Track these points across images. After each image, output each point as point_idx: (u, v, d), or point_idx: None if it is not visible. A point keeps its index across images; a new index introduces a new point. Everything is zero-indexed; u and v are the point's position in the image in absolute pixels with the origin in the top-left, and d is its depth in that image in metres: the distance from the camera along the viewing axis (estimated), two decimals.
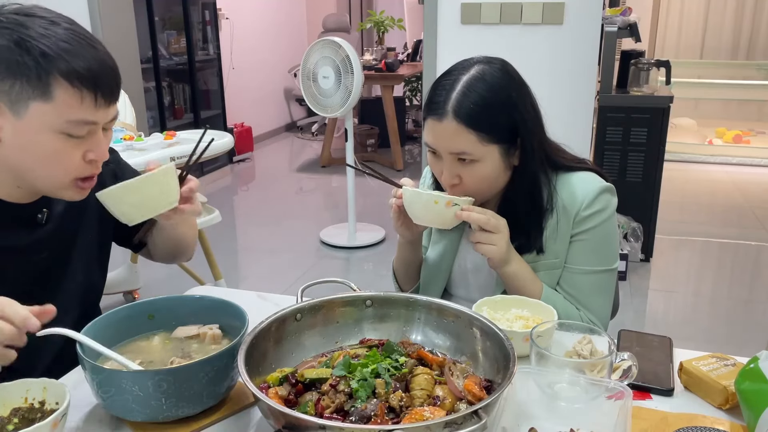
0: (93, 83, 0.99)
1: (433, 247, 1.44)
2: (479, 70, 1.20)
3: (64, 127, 1.00)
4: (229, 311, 1.05)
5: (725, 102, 6.72)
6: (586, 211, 1.26)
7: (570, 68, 3.12)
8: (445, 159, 1.22)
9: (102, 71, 1.01)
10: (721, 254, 4.05)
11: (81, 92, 0.98)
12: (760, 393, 0.87)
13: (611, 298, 1.34)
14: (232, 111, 6.14)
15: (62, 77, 0.97)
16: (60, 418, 0.83)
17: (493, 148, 1.19)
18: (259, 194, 5.44)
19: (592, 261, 1.29)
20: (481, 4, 3.13)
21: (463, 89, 1.18)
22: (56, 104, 0.98)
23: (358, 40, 7.89)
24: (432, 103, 1.21)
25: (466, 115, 1.16)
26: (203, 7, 5.70)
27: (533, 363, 0.97)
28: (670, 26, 7.04)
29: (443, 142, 1.20)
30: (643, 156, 3.56)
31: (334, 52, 3.68)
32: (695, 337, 2.95)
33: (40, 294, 1.14)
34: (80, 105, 0.99)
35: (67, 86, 0.97)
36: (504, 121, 1.19)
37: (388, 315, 1.10)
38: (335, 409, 0.85)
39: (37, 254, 1.16)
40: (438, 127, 1.19)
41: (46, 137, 1.00)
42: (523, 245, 1.28)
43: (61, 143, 1.01)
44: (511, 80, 1.22)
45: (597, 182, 1.28)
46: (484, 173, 1.21)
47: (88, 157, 1.04)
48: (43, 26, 0.98)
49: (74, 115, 0.99)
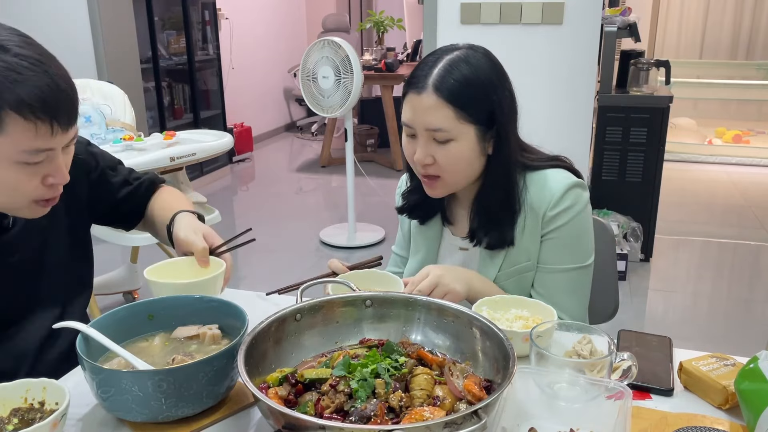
0: (47, 112, 0.94)
1: (413, 257, 1.44)
2: (463, 53, 1.21)
3: (20, 157, 0.96)
4: (229, 311, 1.05)
5: (725, 102, 6.72)
6: (554, 210, 1.26)
7: (570, 68, 3.12)
8: (420, 137, 1.22)
9: (56, 98, 0.95)
10: (721, 254, 4.05)
11: (35, 123, 0.93)
12: (759, 393, 0.87)
13: (585, 295, 1.34)
14: (231, 111, 6.13)
15: (12, 110, 0.92)
16: (60, 418, 0.83)
17: (469, 128, 1.19)
18: (259, 194, 5.44)
19: (564, 259, 1.29)
20: (481, 4, 3.13)
21: (446, 66, 1.19)
22: (10, 137, 0.93)
23: (358, 40, 7.89)
24: (413, 78, 1.22)
25: (446, 90, 1.17)
26: (203, 7, 5.70)
27: (533, 363, 0.97)
28: (669, 26, 7.05)
29: (420, 116, 1.20)
30: (642, 156, 3.56)
31: (334, 52, 3.68)
32: (695, 337, 2.95)
33: (19, 295, 1.15)
34: (35, 136, 0.94)
35: (18, 119, 0.92)
36: (483, 102, 1.20)
37: (388, 315, 1.10)
38: (335, 409, 0.85)
39: (9, 257, 1.15)
40: (416, 100, 1.20)
41: (1, 169, 0.96)
42: (496, 239, 1.28)
43: (17, 173, 0.97)
44: (494, 66, 1.23)
45: (565, 179, 1.28)
46: (458, 154, 1.21)
47: (48, 181, 1.02)
48: None
49: (29, 145, 0.95)
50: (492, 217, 1.28)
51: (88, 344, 0.96)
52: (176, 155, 2.71)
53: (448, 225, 1.39)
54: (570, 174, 1.30)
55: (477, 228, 1.31)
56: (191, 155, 2.77)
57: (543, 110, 3.12)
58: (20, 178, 0.98)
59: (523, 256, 1.30)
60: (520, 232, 1.29)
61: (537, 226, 1.28)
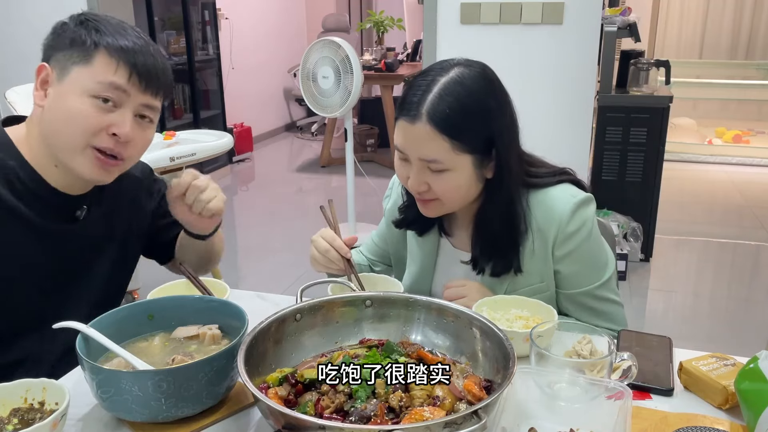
0: (131, 59, 1.08)
1: (410, 268, 1.40)
2: (458, 73, 1.13)
3: (94, 88, 1.06)
4: (229, 311, 1.05)
5: (725, 102, 6.72)
6: (564, 232, 1.21)
7: (569, 68, 3.12)
8: (413, 164, 1.16)
9: (144, 58, 1.09)
10: (721, 254, 4.05)
11: (117, 62, 1.07)
12: (759, 393, 0.87)
13: (619, 296, 1.31)
14: (231, 111, 6.13)
15: (104, 48, 1.07)
16: (59, 418, 0.83)
17: (465, 158, 1.13)
18: (259, 194, 5.44)
19: (591, 279, 1.25)
20: (481, 4, 3.13)
21: (439, 92, 1.11)
22: (93, 68, 1.07)
23: (358, 40, 7.89)
24: (405, 103, 1.14)
25: (440, 120, 1.10)
26: (203, 7, 5.70)
27: (533, 363, 0.97)
28: (669, 26, 7.04)
29: (414, 146, 1.14)
30: (642, 156, 3.56)
31: (334, 52, 3.67)
32: (695, 337, 2.95)
33: (62, 284, 1.20)
34: (113, 72, 1.07)
35: (106, 55, 1.07)
36: (479, 130, 1.13)
37: (388, 315, 1.10)
38: (335, 409, 0.85)
39: (69, 245, 1.20)
40: (409, 129, 1.13)
41: (75, 98, 1.07)
42: (500, 266, 1.24)
43: (87, 105, 1.07)
44: (491, 86, 1.15)
45: (571, 198, 1.22)
46: (453, 184, 1.15)
47: (111, 129, 1.08)
48: (108, 19, 1.11)
49: (106, 77, 1.06)
50: (495, 242, 1.23)
51: (88, 344, 0.96)
52: (176, 155, 2.72)
53: (446, 237, 1.35)
54: (576, 190, 1.24)
55: (479, 255, 1.25)
56: (191, 155, 2.77)
57: (543, 110, 3.12)
58: (89, 111, 1.07)
59: (535, 278, 1.25)
60: (528, 255, 1.23)
61: (547, 249, 1.23)
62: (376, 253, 1.52)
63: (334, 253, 1.30)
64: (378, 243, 1.51)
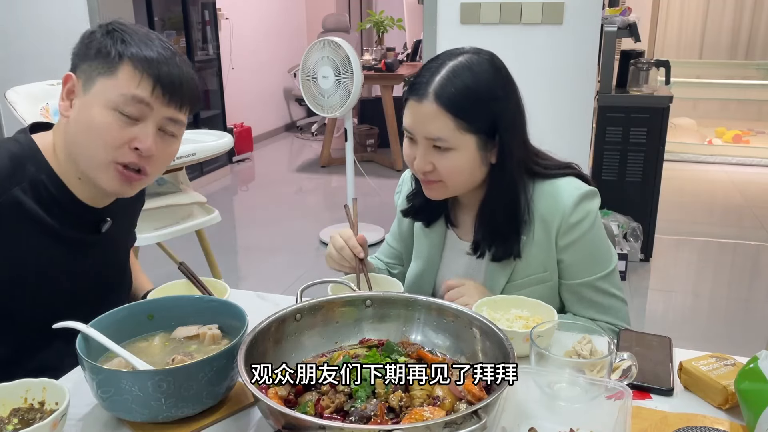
0: (154, 71, 1.06)
1: (416, 260, 1.42)
2: (467, 59, 1.19)
3: (118, 100, 1.05)
4: (229, 311, 1.05)
5: (724, 102, 6.72)
6: (568, 223, 1.24)
7: (569, 68, 3.12)
8: (420, 144, 1.20)
9: (169, 70, 1.07)
10: (721, 254, 4.05)
11: (141, 75, 1.06)
12: (759, 393, 0.87)
13: (622, 292, 1.32)
14: (231, 111, 6.13)
15: (129, 59, 1.06)
16: (60, 418, 0.83)
17: (469, 139, 1.17)
18: (259, 194, 5.44)
19: (593, 270, 1.27)
20: (481, 4, 3.13)
21: (447, 74, 1.16)
22: (117, 80, 1.05)
23: (358, 40, 7.89)
24: (414, 84, 1.19)
25: (447, 99, 1.15)
26: (203, 7, 5.69)
27: (533, 363, 0.97)
28: (669, 26, 7.04)
29: (420, 124, 1.18)
30: (642, 156, 3.56)
31: (334, 52, 3.67)
32: (695, 337, 2.95)
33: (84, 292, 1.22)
34: (137, 85, 1.06)
35: (130, 67, 1.06)
36: (484, 112, 1.17)
37: (388, 315, 1.10)
38: (335, 409, 0.85)
39: (92, 255, 1.22)
40: (417, 108, 1.18)
41: (99, 110, 1.06)
42: (501, 251, 1.26)
43: (110, 118, 1.06)
44: (498, 73, 1.20)
45: (576, 189, 1.25)
46: (458, 164, 1.19)
47: (133, 144, 1.08)
48: (136, 29, 1.10)
49: (129, 89, 1.05)
50: (497, 228, 1.26)
51: (88, 344, 0.96)
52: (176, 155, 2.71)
53: (452, 228, 1.37)
54: (581, 183, 1.27)
55: (481, 239, 1.28)
56: (191, 155, 2.76)
57: (543, 110, 3.12)
58: (111, 124, 1.06)
59: (538, 267, 1.27)
60: (529, 243, 1.26)
61: (550, 238, 1.25)
62: (392, 256, 1.53)
63: (348, 251, 1.31)
64: (392, 244, 1.53)
